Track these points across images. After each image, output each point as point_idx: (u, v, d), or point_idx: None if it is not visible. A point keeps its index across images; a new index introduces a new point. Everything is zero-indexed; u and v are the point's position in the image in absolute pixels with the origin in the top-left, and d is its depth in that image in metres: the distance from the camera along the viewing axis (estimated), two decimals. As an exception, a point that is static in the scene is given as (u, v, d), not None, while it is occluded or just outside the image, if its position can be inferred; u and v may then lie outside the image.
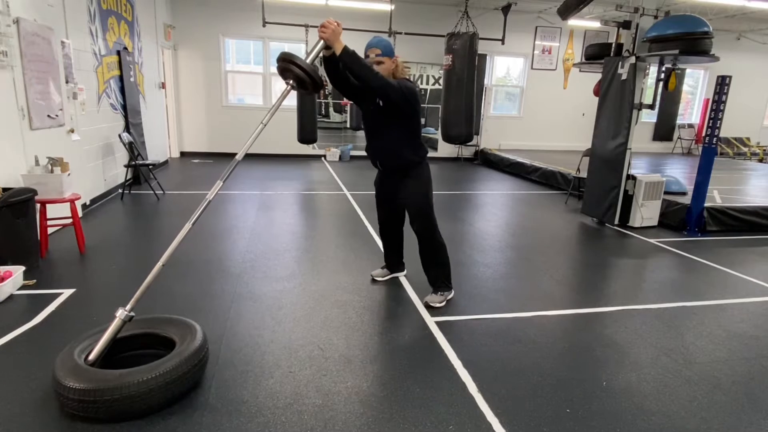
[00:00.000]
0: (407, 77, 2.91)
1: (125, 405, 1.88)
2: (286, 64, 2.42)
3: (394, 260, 3.61)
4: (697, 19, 4.87)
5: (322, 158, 10.30)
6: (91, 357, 2.06)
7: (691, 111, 12.80)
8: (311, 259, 3.99)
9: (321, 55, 2.65)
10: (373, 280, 3.60)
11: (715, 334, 2.93)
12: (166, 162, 8.80)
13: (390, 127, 2.95)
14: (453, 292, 3.27)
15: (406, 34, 8.23)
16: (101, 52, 5.81)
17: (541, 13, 10.16)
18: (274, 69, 10.05)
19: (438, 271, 3.17)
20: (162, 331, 2.27)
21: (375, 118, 2.99)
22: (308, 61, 2.43)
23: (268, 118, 2.47)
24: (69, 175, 3.94)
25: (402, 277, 3.64)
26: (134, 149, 6.23)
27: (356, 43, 2.80)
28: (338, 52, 2.55)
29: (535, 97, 11.15)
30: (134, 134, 6.60)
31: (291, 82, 2.48)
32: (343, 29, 2.62)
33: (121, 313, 2.13)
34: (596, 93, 5.67)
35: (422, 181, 3.05)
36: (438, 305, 3.12)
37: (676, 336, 2.89)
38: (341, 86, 2.93)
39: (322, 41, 2.55)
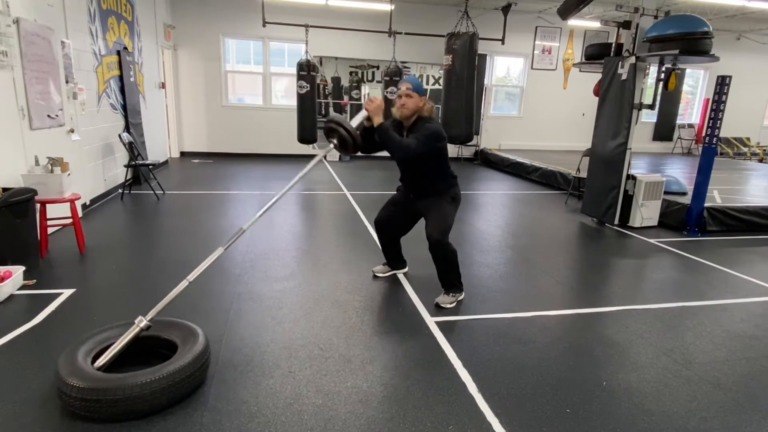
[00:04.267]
0: (432, 115, 3.09)
1: (127, 406, 1.89)
2: (336, 126, 2.72)
3: (393, 256, 3.64)
4: (697, 19, 4.87)
5: (322, 158, 10.29)
6: (103, 362, 2.08)
7: (691, 111, 12.79)
8: (311, 259, 3.99)
9: (363, 124, 2.93)
10: (375, 276, 3.62)
11: (715, 334, 2.93)
12: (166, 162, 8.79)
13: (421, 167, 3.13)
14: (464, 294, 3.28)
15: (406, 34, 8.23)
16: (101, 52, 5.81)
17: (541, 13, 10.16)
18: (274, 69, 10.10)
19: (450, 274, 3.19)
20: (164, 334, 2.28)
21: (406, 163, 3.19)
22: (354, 125, 2.76)
23: (276, 199, 2.55)
24: (69, 175, 3.94)
25: (402, 276, 3.64)
26: (134, 149, 6.23)
27: (358, 43, 2.82)
28: (376, 124, 2.89)
29: (535, 97, 11.15)
30: (134, 134, 6.59)
31: (334, 141, 2.78)
32: (344, 29, 2.65)
33: (139, 321, 2.17)
34: (596, 93, 5.67)
35: (449, 199, 3.19)
36: (448, 306, 3.14)
37: (676, 336, 2.89)
38: (371, 147, 3.10)
39: (365, 111, 2.88)
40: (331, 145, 2.79)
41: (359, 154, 3.03)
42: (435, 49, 9.25)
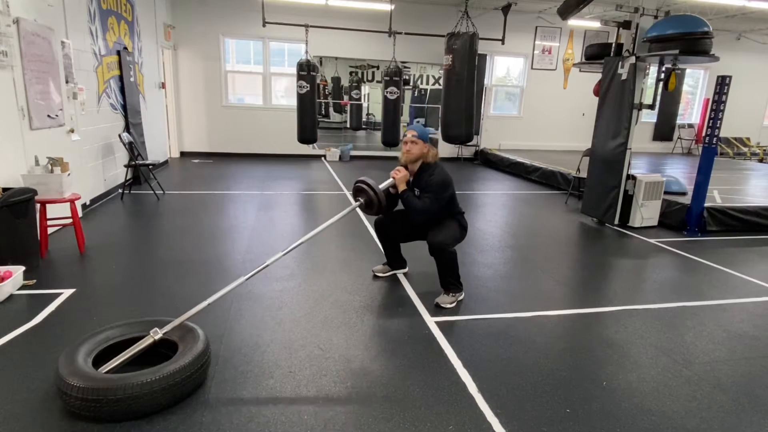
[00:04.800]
0: (436, 161, 3.26)
1: (127, 405, 1.89)
2: (366, 188, 3.02)
3: (394, 257, 3.64)
4: (697, 19, 4.87)
5: (322, 158, 10.30)
6: (110, 368, 2.08)
7: (691, 111, 12.79)
8: (311, 259, 3.99)
9: (389, 190, 3.20)
10: (375, 276, 3.62)
11: (715, 334, 2.93)
12: (166, 162, 8.79)
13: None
14: (464, 293, 3.29)
15: (406, 34, 8.23)
16: (101, 52, 5.81)
17: (541, 13, 10.16)
18: (274, 69, 10.10)
19: (450, 274, 3.20)
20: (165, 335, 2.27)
21: None
22: (381, 188, 3.05)
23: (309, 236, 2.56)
24: (69, 175, 3.94)
25: (402, 276, 3.64)
26: (134, 149, 6.23)
27: (358, 43, 2.81)
28: (400, 191, 3.17)
29: (535, 97, 11.15)
30: (134, 134, 6.59)
31: (361, 200, 3.07)
32: (344, 29, 2.66)
33: (154, 332, 2.20)
34: (596, 93, 5.67)
35: (456, 221, 3.29)
36: (448, 306, 3.14)
37: (676, 336, 2.89)
38: (390, 209, 3.37)
39: (392, 180, 3.16)
40: (357, 204, 3.08)
41: (360, 153, 3.08)
42: (435, 49, 9.25)
